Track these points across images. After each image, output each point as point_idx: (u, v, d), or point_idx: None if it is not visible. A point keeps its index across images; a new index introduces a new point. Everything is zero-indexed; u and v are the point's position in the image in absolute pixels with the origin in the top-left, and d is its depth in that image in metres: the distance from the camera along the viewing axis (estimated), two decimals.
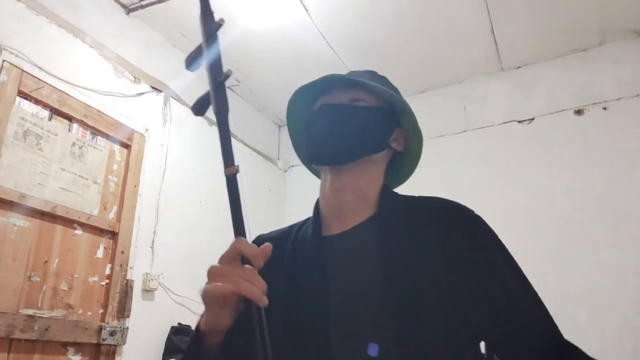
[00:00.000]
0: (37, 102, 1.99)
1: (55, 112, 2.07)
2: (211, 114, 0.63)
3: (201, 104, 0.64)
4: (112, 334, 2.08)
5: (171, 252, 2.48)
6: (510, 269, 0.73)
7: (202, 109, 0.65)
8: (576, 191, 2.60)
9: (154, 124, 2.55)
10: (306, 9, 2.50)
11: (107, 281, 2.16)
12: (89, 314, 2.05)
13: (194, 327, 0.69)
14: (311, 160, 0.84)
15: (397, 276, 0.70)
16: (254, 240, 0.91)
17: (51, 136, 2.03)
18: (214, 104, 0.63)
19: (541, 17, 2.58)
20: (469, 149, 2.97)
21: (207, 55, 0.64)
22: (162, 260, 2.42)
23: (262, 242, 0.90)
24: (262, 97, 3.32)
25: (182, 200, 2.58)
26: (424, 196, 0.83)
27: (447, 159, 2.98)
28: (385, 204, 0.80)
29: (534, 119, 2.86)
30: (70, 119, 2.13)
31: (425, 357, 0.65)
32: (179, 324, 2.37)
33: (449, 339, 0.66)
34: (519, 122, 2.89)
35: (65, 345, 1.93)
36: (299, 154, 0.95)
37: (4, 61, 1.88)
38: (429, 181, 2.87)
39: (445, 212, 0.77)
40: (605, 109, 2.67)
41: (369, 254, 0.74)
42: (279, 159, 3.60)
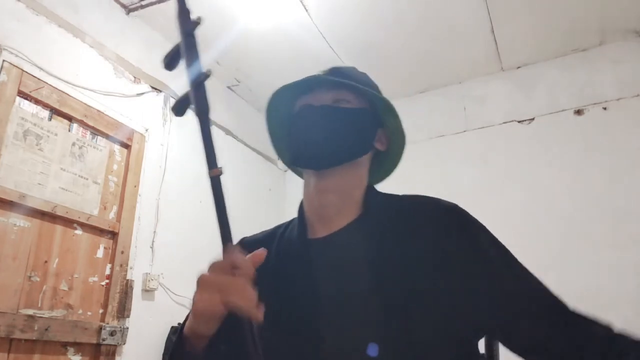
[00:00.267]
0: (37, 102, 1.99)
1: (55, 112, 2.07)
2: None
3: (181, 104, 0.63)
4: (112, 334, 2.08)
5: (171, 252, 2.48)
6: (501, 256, 0.72)
7: (182, 109, 0.63)
8: (576, 191, 2.60)
9: (154, 124, 2.55)
10: (306, 9, 2.50)
11: (107, 281, 2.16)
12: (89, 314, 2.05)
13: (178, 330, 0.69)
14: (294, 163, 0.82)
15: (385, 278, 0.69)
16: (237, 243, 0.90)
17: (51, 136, 2.03)
18: (195, 104, 0.62)
19: (541, 17, 2.58)
20: (469, 149, 2.97)
21: (185, 55, 0.62)
22: (162, 260, 2.43)
23: (246, 245, 0.89)
24: (262, 97, 3.32)
25: (182, 200, 2.58)
26: (408, 195, 0.82)
27: (447, 159, 2.98)
28: (370, 206, 0.79)
29: (534, 119, 2.86)
30: (70, 119, 2.13)
31: (416, 356, 0.64)
32: (179, 324, 2.35)
33: (438, 339, 0.65)
34: (519, 122, 2.89)
35: (65, 345, 1.93)
36: (279, 154, 0.93)
37: (4, 61, 1.88)
38: (429, 181, 2.88)
39: (430, 210, 0.76)
40: (605, 109, 2.67)
41: (355, 257, 0.73)
42: (279, 159, 3.58)
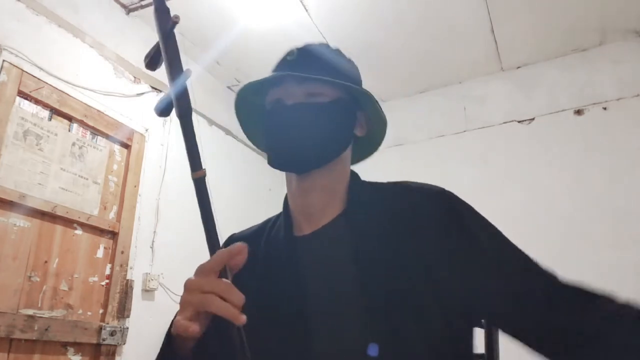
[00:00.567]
0: (37, 102, 1.99)
1: (55, 112, 2.07)
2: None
3: (164, 105, 0.61)
4: (112, 334, 2.08)
5: (171, 252, 2.48)
6: (492, 243, 0.69)
7: (165, 109, 0.61)
8: (576, 191, 2.60)
9: (154, 124, 2.55)
10: (306, 9, 2.50)
11: (107, 281, 2.16)
12: (89, 314, 2.05)
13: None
14: (274, 166, 0.78)
15: (369, 274, 0.67)
16: (226, 240, 0.89)
17: (51, 136, 2.03)
18: (176, 106, 0.60)
19: (541, 17, 2.58)
20: (469, 149, 2.97)
21: (165, 55, 0.60)
22: (162, 260, 2.43)
23: (235, 241, 0.88)
24: None
25: (182, 200, 2.58)
26: (393, 183, 0.80)
27: (447, 159, 2.98)
28: (353, 199, 0.77)
29: (534, 119, 2.86)
30: (70, 119, 2.13)
31: (406, 353, 0.63)
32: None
33: (427, 335, 0.64)
34: (519, 122, 2.89)
35: (65, 345, 1.93)
36: (253, 141, 0.89)
37: (4, 61, 1.88)
38: (429, 181, 2.88)
39: (415, 198, 0.74)
40: (605, 109, 2.67)
41: (340, 254, 0.72)
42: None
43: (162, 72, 0.61)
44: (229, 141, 3.11)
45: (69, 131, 2.12)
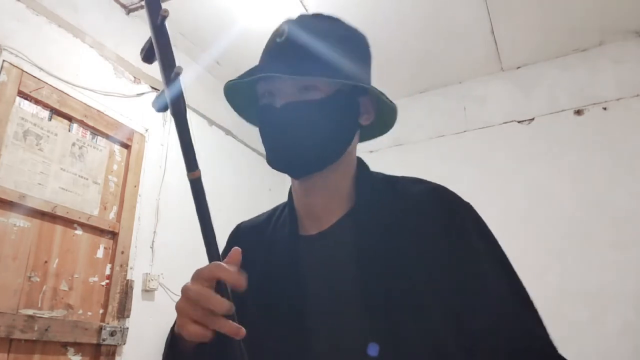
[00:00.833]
0: (37, 102, 1.99)
1: (55, 112, 2.07)
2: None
3: (161, 100, 0.59)
4: (112, 334, 2.08)
5: (171, 252, 2.48)
6: (492, 262, 0.67)
7: (163, 105, 0.59)
8: (576, 191, 2.60)
9: (154, 124, 2.55)
10: (306, 9, 2.50)
11: (107, 281, 2.16)
12: (89, 314, 2.05)
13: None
14: (272, 167, 0.73)
15: (372, 272, 0.66)
16: (234, 230, 0.88)
17: (51, 136, 2.03)
18: (169, 103, 0.58)
19: (541, 17, 2.58)
20: (469, 149, 2.97)
21: (157, 50, 0.58)
22: (162, 260, 2.43)
23: (243, 229, 0.87)
24: None
25: (182, 200, 2.58)
26: (401, 179, 0.76)
27: (447, 159, 2.98)
28: (360, 197, 0.73)
29: (534, 119, 2.86)
30: (70, 119, 2.13)
31: (406, 353, 0.61)
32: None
33: (428, 333, 0.62)
34: (519, 122, 2.89)
35: (65, 345, 1.93)
36: (249, 120, 0.83)
37: (4, 61, 1.88)
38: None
39: (420, 196, 0.71)
40: (605, 109, 2.67)
41: (344, 253, 0.70)
42: None
43: None
44: (229, 141, 3.11)
45: (69, 131, 2.12)
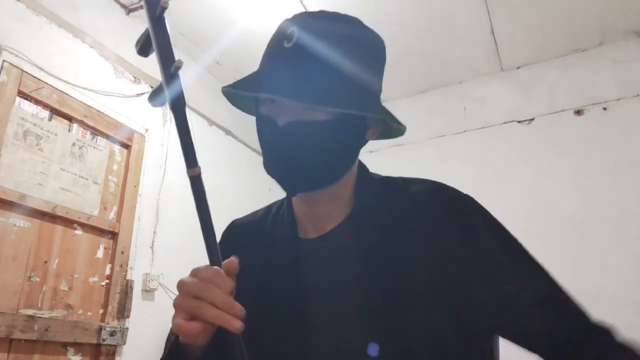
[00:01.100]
0: (37, 102, 1.99)
1: (55, 112, 2.07)
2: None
3: (158, 95, 0.57)
4: (112, 334, 2.08)
5: (171, 252, 2.48)
6: (506, 252, 0.66)
7: (160, 100, 0.57)
8: (576, 191, 2.60)
9: (154, 124, 2.55)
10: (306, 9, 2.50)
11: (107, 281, 2.16)
12: (89, 314, 2.05)
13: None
14: (275, 180, 0.70)
15: (372, 272, 0.66)
16: (228, 227, 0.87)
17: (51, 136, 2.03)
18: (168, 98, 0.56)
19: (541, 17, 2.58)
20: (469, 149, 2.97)
21: (155, 43, 0.55)
22: (162, 260, 2.43)
23: (237, 227, 0.86)
24: None
25: (182, 200, 2.58)
26: (402, 180, 0.75)
27: (447, 159, 2.98)
28: (360, 201, 0.73)
29: (534, 119, 2.86)
30: (70, 119, 2.13)
31: (406, 353, 0.61)
32: None
33: (429, 333, 0.62)
34: (519, 122, 2.89)
35: (65, 345, 1.93)
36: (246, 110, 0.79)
37: (4, 61, 1.88)
38: None
39: (421, 196, 0.71)
40: (605, 109, 2.67)
41: (344, 255, 0.70)
42: None
43: None
44: (229, 141, 3.11)
45: (69, 131, 2.12)
